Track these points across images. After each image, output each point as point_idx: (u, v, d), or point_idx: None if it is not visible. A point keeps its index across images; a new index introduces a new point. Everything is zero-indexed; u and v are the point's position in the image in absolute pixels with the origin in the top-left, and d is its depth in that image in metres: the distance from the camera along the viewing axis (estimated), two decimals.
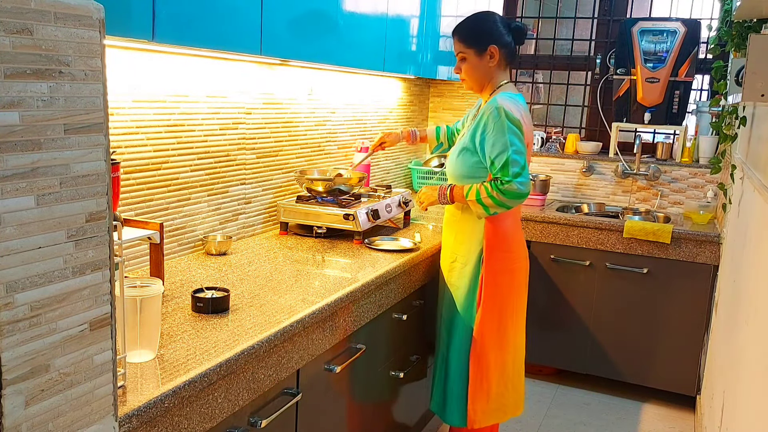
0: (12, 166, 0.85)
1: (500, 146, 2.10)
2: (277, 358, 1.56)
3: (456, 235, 2.32)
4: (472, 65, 2.22)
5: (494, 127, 2.11)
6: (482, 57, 2.20)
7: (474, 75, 2.24)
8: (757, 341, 1.62)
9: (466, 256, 2.29)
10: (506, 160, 2.09)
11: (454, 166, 2.27)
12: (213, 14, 1.67)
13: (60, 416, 0.96)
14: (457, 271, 2.31)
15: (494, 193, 2.11)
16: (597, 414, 3.19)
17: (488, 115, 2.12)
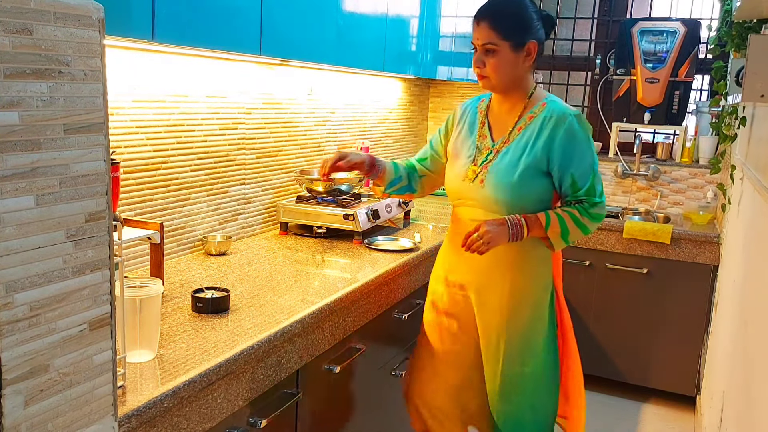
0: (12, 166, 0.85)
1: (586, 162, 1.79)
2: (277, 358, 1.56)
3: (516, 275, 1.86)
4: (503, 61, 1.78)
5: (575, 139, 1.78)
6: (519, 53, 1.79)
7: (504, 73, 1.80)
8: (757, 341, 1.62)
9: (534, 296, 1.88)
10: (593, 178, 1.81)
11: (517, 191, 1.79)
12: (213, 14, 1.67)
13: (59, 416, 0.96)
14: (523, 318, 1.88)
15: (584, 219, 1.79)
16: (597, 414, 3.19)
17: (565, 124, 1.77)
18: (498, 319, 1.88)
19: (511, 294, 1.87)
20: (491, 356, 1.91)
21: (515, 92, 1.87)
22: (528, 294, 1.88)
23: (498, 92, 1.88)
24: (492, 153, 1.86)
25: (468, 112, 1.99)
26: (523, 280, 1.88)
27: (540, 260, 1.89)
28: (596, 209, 1.82)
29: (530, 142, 1.80)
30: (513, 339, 1.88)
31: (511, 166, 1.81)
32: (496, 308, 1.88)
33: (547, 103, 1.84)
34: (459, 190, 1.90)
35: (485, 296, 1.89)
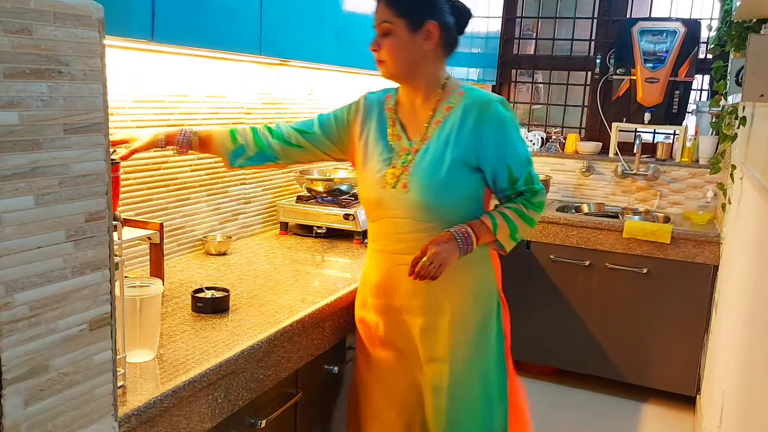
0: (11, 166, 0.85)
1: (521, 150, 1.65)
2: (277, 358, 1.56)
3: (460, 287, 1.67)
4: (399, 42, 1.59)
5: (505, 127, 1.62)
6: (416, 34, 1.60)
7: (400, 57, 1.61)
8: (756, 341, 1.62)
9: (480, 313, 1.70)
10: (528, 166, 1.66)
11: (443, 190, 1.61)
12: (213, 14, 1.67)
13: (59, 416, 0.96)
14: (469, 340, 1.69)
15: (530, 212, 1.66)
16: (597, 414, 3.19)
17: (489, 112, 1.61)
18: (442, 347, 1.68)
19: (455, 313, 1.66)
20: (436, 391, 1.69)
21: (423, 83, 1.67)
22: (474, 308, 1.69)
23: (399, 81, 1.68)
24: (411, 153, 1.65)
25: (374, 110, 1.76)
26: (466, 295, 1.68)
27: (482, 263, 1.70)
28: (538, 197, 1.67)
29: (452, 134, 1.61)
30: (457, 368, 1.68)
31: (436, 164, 1.61)
32: (440, 333, 1.67)
33: (465, 91, 1.66)
34: (379, 199, 1.67)
35: (427, 319, 1.67)
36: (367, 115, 1.75)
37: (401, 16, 1.58)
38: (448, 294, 1.66)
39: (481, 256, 1.68)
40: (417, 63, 1.63)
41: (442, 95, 1.67)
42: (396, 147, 1.68)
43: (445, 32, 1.64)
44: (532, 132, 3.95)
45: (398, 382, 1.74)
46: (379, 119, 1.73)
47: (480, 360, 1.70)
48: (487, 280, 1.71)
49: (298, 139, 1.81)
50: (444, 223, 1.61)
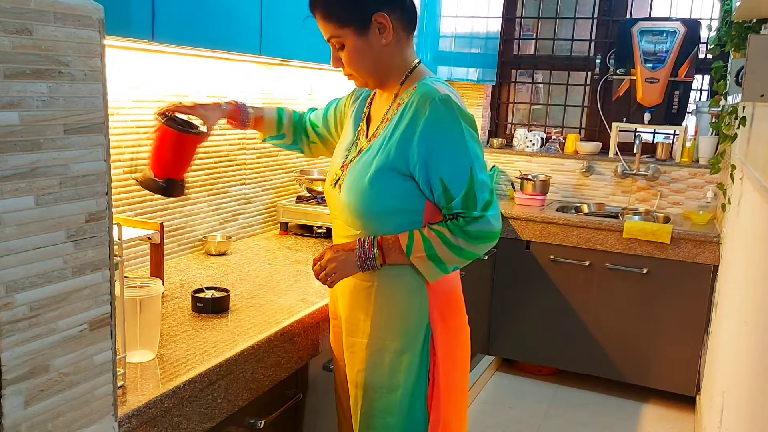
0: (11, 166, 0.85)
1: (460, 162, 1.39)
2: (277, 358, 1.56)
3: (378, 311, 1.49)
4: (355, 51, 1.43)
5: (444, 130, 1.39)
6: (368, 34, 1.42)
7: (363, 64, 1.45)
8: (756, 341, 1.62)
9: (402, 340, 1.48)
10: (470, 185, 1.39)
11: (369, 197, 1.43)
12: (213, 14, 1.67)
13: (59, 416, 0.96)
14: (386, 367, 1.49)
15: (459, 240, 1.39)
16: (597, 414, 3.19)
17: (425, 111, 1.39)
18: (357, 370, 1.52)
19: (374, 335, 1.49)
20: (353, 414, 1.56)
21: (393, 78, 1.50)
22: (392, 335, 1.48)
23: (375, 86, 1.53)
24: (359, 152, 1.51)
25: (359, 100, 1.66)
26: (387, 317, 1.49)
27: (409, 292, 1.48)
28: (476, 226, 1.39)
29: (389, 135, 1.44)
30: (372, 396, 1.51)
31: (365, 167, 1.44)
32: (357, 353, 1.52)
33: (418, 86, 1.45)
34: (327, 198, 1.59)
35: (351, 338, 1.54)
36: (352, 106, 1.67)
37: (344, 25, 1.42)
38: (368, 314, 1.50)
39: (413, 281, 1.47)
40: (383, 61, 1.46)
41: (401, 89, 1.49)
42: (357, 143, 1.55)
43: (396, 13, 1.43)
44: (532, 132, 3.95)
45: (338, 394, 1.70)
46: (357, 113, 1.63)
47: (397, 393, 1.49)
48: (414, 308, 1.48)
49: (313, 135, 1.78)
50: (376, 232, 1.46)
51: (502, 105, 4.13)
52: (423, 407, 1.51)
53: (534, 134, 3.92)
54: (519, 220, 3.34)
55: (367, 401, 1.51)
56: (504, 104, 4.14)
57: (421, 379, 1.50)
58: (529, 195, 3.55)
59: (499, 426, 3.04)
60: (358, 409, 1.53)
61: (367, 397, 1.51)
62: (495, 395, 3.34)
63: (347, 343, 1.55)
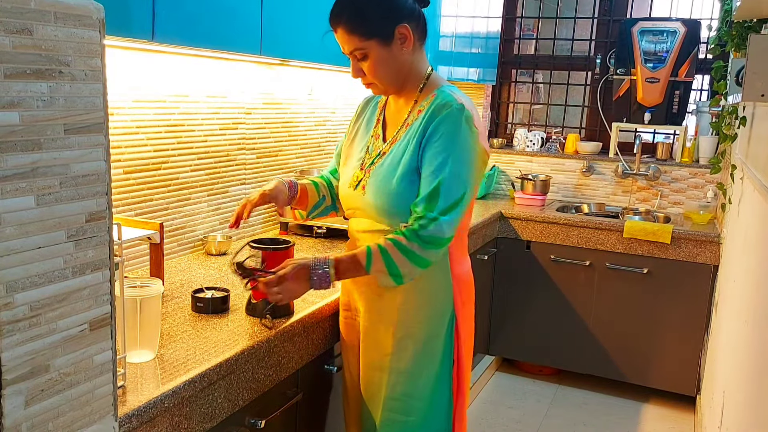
0: (12, 166, 0.85)
1: (443, 162, 1.46)
2: (277, 358, 1.56)
3: (404, 300, 1.57)
4: (378, 62, 1.51)
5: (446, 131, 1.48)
6: (391, 45, 1.51)
7: (385, 73, 1.53)
8: (756, 341, 1.62)
9: (427, 328, 1.57)
10: (439, 185, 1.44)
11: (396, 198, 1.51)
12: (213, 14, 1.67)
13: (60, 416, 0.96)
14: (411, 353, 1.57)
15: (413, 246, 1.43)
16: (597, 414, 3.19)
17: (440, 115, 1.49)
18: (381, 354, 1.60)
19: (399, 322, 1.57)
20: (371, 399, 1.62)
21: (410, 86, 1.60)
22: (418, 323, 1.57)
23: (393, 93, 1.62)
24: (380, 155, 1.59)
25: (369, 107, 1.73)
26: (413, 306, 1.56)
27: (437, 281, 1.57)
28: (429, 231, 1.42)
29: (412, 139, 1.52)
30: (397, 380, 1.58)
31: (391, 170, 1.53)
32: (381, 340, 1.59)
33: (437, 93, 1.55)
34: (346, 198, 1.66)
35: (373, 325, 1.61)
36: (362, 113, 1.74)
37: (369, 37, 1.49)
38: (394, 302, 1.57)
39: (440, 268, 1.55)
40: (405, 68, 1.56)
41: (420, 96, 1.59)
42: (372, 147, 1.63)
43: (414, 23, 1.54)
44: (532, 132, 3.95)
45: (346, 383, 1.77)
46: (370, 118, 1.70)
47: (421, 377, 1.57)
48: (441, 296, 1.58)
49: (336, 183, 1.79)
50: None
51: (503, 105, 4.14)
52: (447, 390, 1.61)
53: (534, 134, 3.91)
54: (519, 220, 3.34)
55: (391, 384, 1.58)
56: (504, 104, 4.14)
57: (445, 364, 1.59)
58: (530, 195, 3.55)
59: (499, 426, 3.04)
60: (382, 392, 1.59)
61: (392, 380, 1.58)
62: (495, 395, 3.34)
63: (369, 330, 1.61)
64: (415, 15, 1.53)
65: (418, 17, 1.54)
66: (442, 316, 1.58)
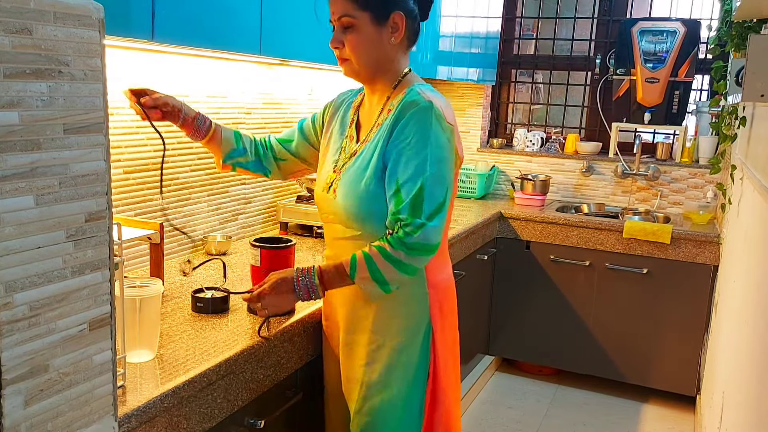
0: (11, 165, 0.85)
1: (418, 167, 1.39)
2: (277, 358, 1.56)
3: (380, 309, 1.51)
4: (363, 38, 1.44)
5: (413, 133, 1.40)
6: (382, 27, 1.45)
7: (365, 53, 1.46)
8: (756, 341, 1.62)
9: (400, 338, 1.51)
10: (420, 191, 1.38)
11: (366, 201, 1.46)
12: (213, 14, 1.67)
13: (59, 416, 0.96)
14: (383, 364, 1.51)
15: (398, 253, 1.38)
16: (596, 414, 3.19)
17: (405, 115, 1.42)
18: (356, 366, 1.54)
19: (373, 333, 1.51)
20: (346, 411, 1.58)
21: (382, 81, 1.53)
22: (392, 333, 1.50)
23: (364, 80, 1.54)
24: (351, 157, 1.53)
25: (343, 107, 1.67)
26: (387, 316, 1.50)
27: (411, 290, 1.51)
28: (415, 238, 1.37)
29: (380, 140, 1.46)
30: (368, 392, 1.53)
31: (360, 172, 1.47)
32: (357, 351, 1.54)
33: (407, 91, 1.48)
34: (321, 202, 1.60)
35: (349, 335, 1.56)
36: (335, 114, 1.67)
37: (364, 8, 1.42)
38: (369, 311, 1.52)
39: (416, 278, 1.48)
40: (383, 60, 1.49)
41: (393, 93, 1.52)
42: (346, 149, 1.57)
43: (410, 21, 1.49)
44: (532, 132, 3.95)
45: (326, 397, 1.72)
46: (343, 118, 1.64)
47: (392, 389, 1.51)
48: (416, 306, 1.52)
49: (282, 152, 1.75)
50: (374, 233, 1.47)
51: (502, 105, 4.14)
52: (419, 404, 1.54)
53: (534, 134, 3.92)
54: (519, 220, 3.34)
55: (362, 396, 1.53)
56: (504, 104, 4.14)
57: (418, 377, 1.52)
58: (529, 195, 3.55)
59: (499, 426, 3.04)
60: (355, 405, 1.54)
61: (363, 392, 1.53)
62: (495, 395, 3.34)
63: (346, 341, 1.56)
64: (413, 15, 1.50)
65: (414, 18, 1.51)
66: (416, 327, 1.52)
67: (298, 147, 1.75)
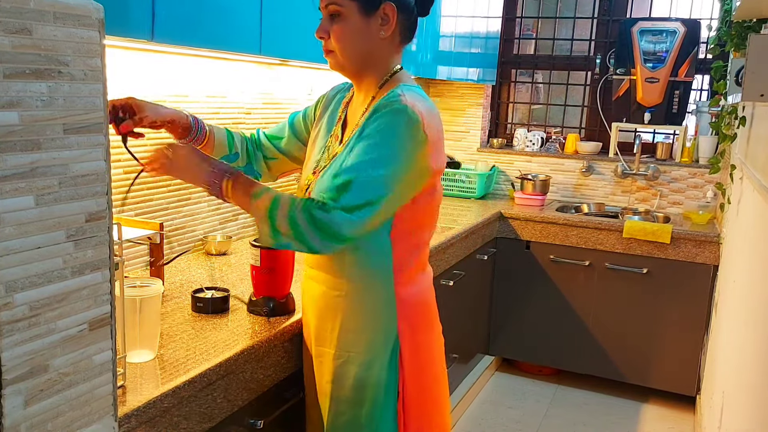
0: (11, 166, 0.85)
1: (361, 161, 1.30)
2: (277, 358, 1.56)
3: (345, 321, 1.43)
4: (350, 29, 1.37)
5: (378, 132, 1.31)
6: (370, 18, 1.37)
7: (352, 46, 1.38)
8: (756, 341, 1.62)
9: (367, 354, 1.42)
10: (348, 181, 1.29)
11: None
12: (212, 14, 1.67)
13: (59, 416, 0.96)
14: (352, 380, 1.43)
15: (301, 217, 1.27)
16: (596, 414, 3.19)
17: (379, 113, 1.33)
18: (324, 381, 1.47)
19: (340, 347, 1.43)
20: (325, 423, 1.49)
21: (369, 78, 1.44)
22: (358, 348, 1.42)
23: (350, 74, 1.45)
24: (332, 159, 1.44)
25: (335, 101, 1.58)
26: (354, 329, 1.42)
27: (377, 303, 1.42)
28: (322, 218, 1.27)
29: (352, 145, 1.37)
30: (337, 408, 1.45)
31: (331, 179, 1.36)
32: (325, 364, 1.46)
33: (389, 92, 1.37)
34: None
35: (319, 347, 1.48)
36: (327, 107, 1.58)
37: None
38: (335, 323, 1.44)
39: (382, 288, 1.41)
40: (371, 54, 1.40)
41: (379, 93, 1.42)
42: (330, 149, 1.48)
43: (403, 15, 1.40)
44: (532, 132, 3.95)
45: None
46: (332, 114, 1.55)
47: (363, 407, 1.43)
48: (381, 320, 1.42)
49: (271, 150, 1.65)
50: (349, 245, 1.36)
51: (502, 105, 4.14)
52: (391, 424, 1.44)
53: (534, 134, 3.92)
54: (519, 220, 3.34)
55: (333, 414, 1.46)
56: (504, 104, 4.14)
57: (389, 395, 1.42)
58: (529, 195, 3.55)
59: (499, 426, 3.04)
60: (326, 419, 1.47)
61: (333, 409, 1.46)
62: (495, 395, 3.34)
63: (316, 353, 1.49)
64: (407, 8, 1.40)
65: (409, 12, 1.41)
66: (383, 343, 1.41)
67: (289, 145, 1.65)
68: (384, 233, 1.39)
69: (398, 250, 1.40)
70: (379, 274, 1.41)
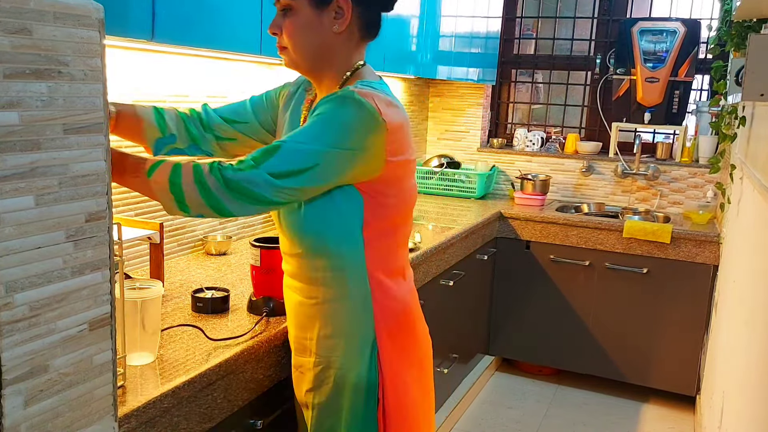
0: (11, 166, 0.85)
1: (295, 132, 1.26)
2: (277, 358, 1.56)
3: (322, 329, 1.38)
4: (302, 24, 1.30)
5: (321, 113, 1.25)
6: (323, 12, 1.30)
7: (303, 42, 1.32)
8: (756, 341, 1.62)
9: (345, 359, 1.37)
10: (276, 147, 1.22)
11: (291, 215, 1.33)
12: (213, 14, 1.67)
13: (59, 416, 0.96)
14: (332, 386, 1.38)
15: (211, 179, 1.21)
16: (596, 414, 3.19)
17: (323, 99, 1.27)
18: (305, 390, 1.43)
19: (319, 353, 1.39)
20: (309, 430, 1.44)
21: (328, 74, 1.36)
22: (336, 353, 1.37)
23: (305, 72, 1.39)
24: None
25: (295, 98, 1.50)
26: (331, 333, 1.37)
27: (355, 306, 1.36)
28: (238, 175, 1.20)
29: None
30: (319, 415, 1.41)
31: None
32: (306, 373, 1.42)
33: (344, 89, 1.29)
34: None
35: (299, 357, 1.44)
36: (288, 103, 1.50)
37: None
38: (313, 332, 1.39)
39: (358, 290, 1.35)
40: (325, 50, 1.33)
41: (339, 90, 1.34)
42: None
43: (361, 8, 1.32)
44: (532, 132, 3.95)
45: None
46: (294, 111, 1.47)
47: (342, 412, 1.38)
48: (358, 324, 1.37)
49: (229, 131, 1.52)
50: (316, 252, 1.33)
51: (502, 105, 4.14)
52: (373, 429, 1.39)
53: (534, 134, 3.92)
54: (519, 220, 3.34)
55: (316, 420, 1.41)
56: (504, 104, 4.14)
57: (370, 400, 1.38)
58: (529, 195, 3.55)
59: (499, 426, 3.04)
60: (310, 426, 1.43)
61: (314, 415, 1.41)
62: (495, 395, 3.34)
63: (296, 363, 1.46)
64: (365, 2, 1.33)
65: (366, 5, 1.33)
66: (360, 348, 1.36)
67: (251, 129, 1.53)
68: (356, 234, 1.32)
69: (371, 251, 1.34)
70: (353, 278, 1.35)
